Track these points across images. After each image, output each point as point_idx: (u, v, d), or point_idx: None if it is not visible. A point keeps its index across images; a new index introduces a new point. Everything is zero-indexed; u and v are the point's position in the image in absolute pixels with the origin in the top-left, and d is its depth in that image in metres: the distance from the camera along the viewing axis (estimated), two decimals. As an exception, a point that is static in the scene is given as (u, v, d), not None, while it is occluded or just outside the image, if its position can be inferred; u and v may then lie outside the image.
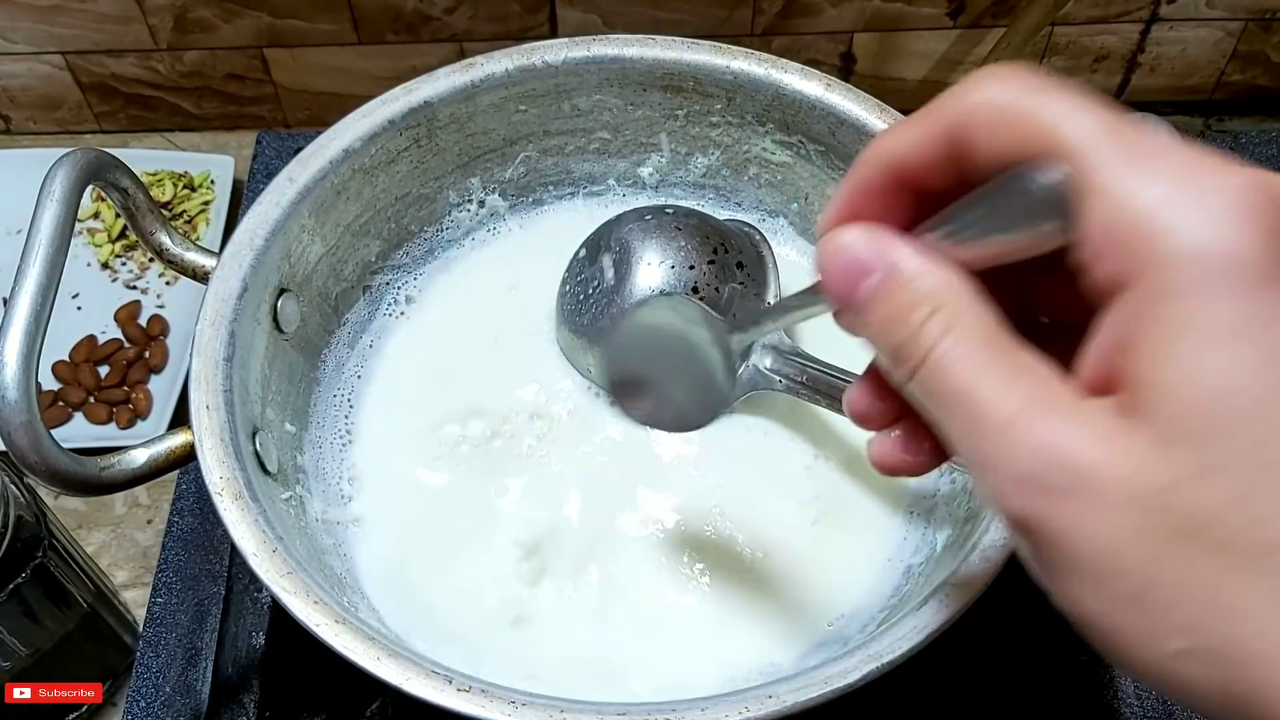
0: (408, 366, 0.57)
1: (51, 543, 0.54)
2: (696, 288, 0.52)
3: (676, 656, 0.48)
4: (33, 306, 0.41)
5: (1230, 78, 0.86)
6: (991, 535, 0.42)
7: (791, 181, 0.59)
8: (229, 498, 0.43)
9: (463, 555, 0.50)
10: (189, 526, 0.60)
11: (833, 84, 0.54)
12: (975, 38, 0.81)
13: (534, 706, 0.38)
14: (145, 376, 0.71)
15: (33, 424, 0.40)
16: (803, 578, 0.50)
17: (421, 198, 0.58)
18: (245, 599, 0.56)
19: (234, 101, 0.84)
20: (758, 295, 0.53)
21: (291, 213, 0.51)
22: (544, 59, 0.55)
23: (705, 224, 0.55)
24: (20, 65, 0.81)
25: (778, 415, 0.54)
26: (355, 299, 0.57)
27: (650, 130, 0.59)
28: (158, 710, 0.54)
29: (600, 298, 0.53)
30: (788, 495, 0.52)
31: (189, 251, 0.50)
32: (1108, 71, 0.85)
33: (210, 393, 0.45)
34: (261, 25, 0.79)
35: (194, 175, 0.79)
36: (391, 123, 0.54)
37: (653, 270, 0.52)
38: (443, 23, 0.79)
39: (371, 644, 0.39)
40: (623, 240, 0.53)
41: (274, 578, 0.41)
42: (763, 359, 0.52)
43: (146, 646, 0.56)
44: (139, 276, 0.76)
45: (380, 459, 0.54)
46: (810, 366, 0.51)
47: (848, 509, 0.52)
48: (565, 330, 0.55)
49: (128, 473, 0.44)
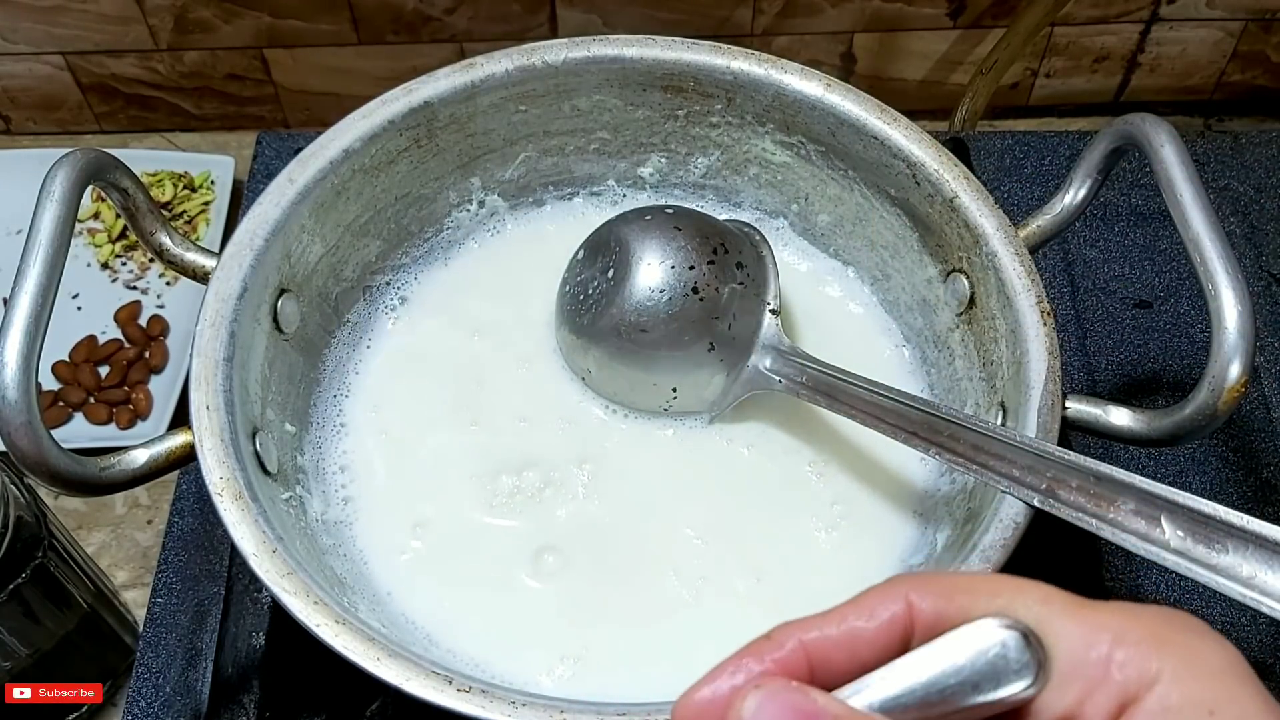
0: (407, 367, 0.57)
1: (51, 543, 0.54)
2: (696, 288, 0.52)
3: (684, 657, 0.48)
4: (33, 307, 0.41)
5: (1230, 78, 0.86)
6: (991, 536, 0.42)
7: (791, 182, 0.59)
8: (229, 498, 0.43)
9: (472, 549, 0.51)
10: (189, 527, 0.60)
11: (833, 84, 0.54)
12: (975, 38, 0.82)
13: (534, 707, 0.38)
14: (145, 377, 0.71)
15: (33, 424, 0.40)
16: (811, 580, 0.50)
17: (421, 198, 0.58)
18: (245, 599, 0.56)
19: (234, 102, 0.84)
20: (757, 295, 0.53)
21: (291, 213, 0.51)
22: (544, 59, 0.55)
23: (705, 224, 0.55)
24: (20, 65, 0.81)
25: (778, 419, 0.54)
26: (355, 299, 0.57)
27: (650, 130, 0.59)
28: (158, 710, 0.54)
29: (600, 298, 0.53)
30: (797, 499, 0.52)
31: (189, 252, 0.50)
32: (1108, 72, 0.85)
33: (210, 393, 0.45)
34: (261, 26, 0.79)
35: (194, 175, 0.79)
36: (391, 123, 0.54)
37: (653, 270, 0.52)
38: (443, 23, 0.79)
39: (371, 644, 0.39)
40: (622, 240, 0.53)
41: (274, 578, 0.41)
42: (762, 359, 0.52)
43: (146, 647, 0.56)
44: (139, 277, 0.76)
45: (376, 453, 0.54)
46: (810, 366, 0.51)
47: (857, 511, 0.52)
48: (565, 330, 0.55)
49: (128, 473, 0.44)
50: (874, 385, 0.48)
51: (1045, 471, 0.42)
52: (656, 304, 0.52)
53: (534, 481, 0.53)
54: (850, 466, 0.53)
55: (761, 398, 0.53)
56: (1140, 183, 0.73)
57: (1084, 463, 0.41)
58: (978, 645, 0.25)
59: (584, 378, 0.55)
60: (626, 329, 0.52)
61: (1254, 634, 0.57)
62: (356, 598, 0.48)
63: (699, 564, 0.51)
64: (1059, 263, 0.70)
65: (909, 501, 0.52)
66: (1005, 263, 0.49)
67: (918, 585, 0.27)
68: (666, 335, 0.52)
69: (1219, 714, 0.24)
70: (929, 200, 0.53)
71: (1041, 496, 0.41)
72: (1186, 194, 0.45)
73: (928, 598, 0.26)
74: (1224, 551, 0.36)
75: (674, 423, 0.54)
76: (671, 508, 0.52)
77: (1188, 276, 0.69)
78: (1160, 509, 0.38)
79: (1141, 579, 0.59)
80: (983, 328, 0.51)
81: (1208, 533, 0.37)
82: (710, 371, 0.53)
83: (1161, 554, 0.38)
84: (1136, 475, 0.39)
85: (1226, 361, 0.42)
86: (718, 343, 0.52)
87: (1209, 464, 0.63)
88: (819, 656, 0.26)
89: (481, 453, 0.54)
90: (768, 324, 0.53)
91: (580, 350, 0.54)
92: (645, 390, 0.53)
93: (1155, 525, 0.38)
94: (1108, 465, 0.40)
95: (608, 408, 0.55)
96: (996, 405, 0.49)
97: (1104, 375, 0.66)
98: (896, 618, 0.26)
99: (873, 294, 0.59)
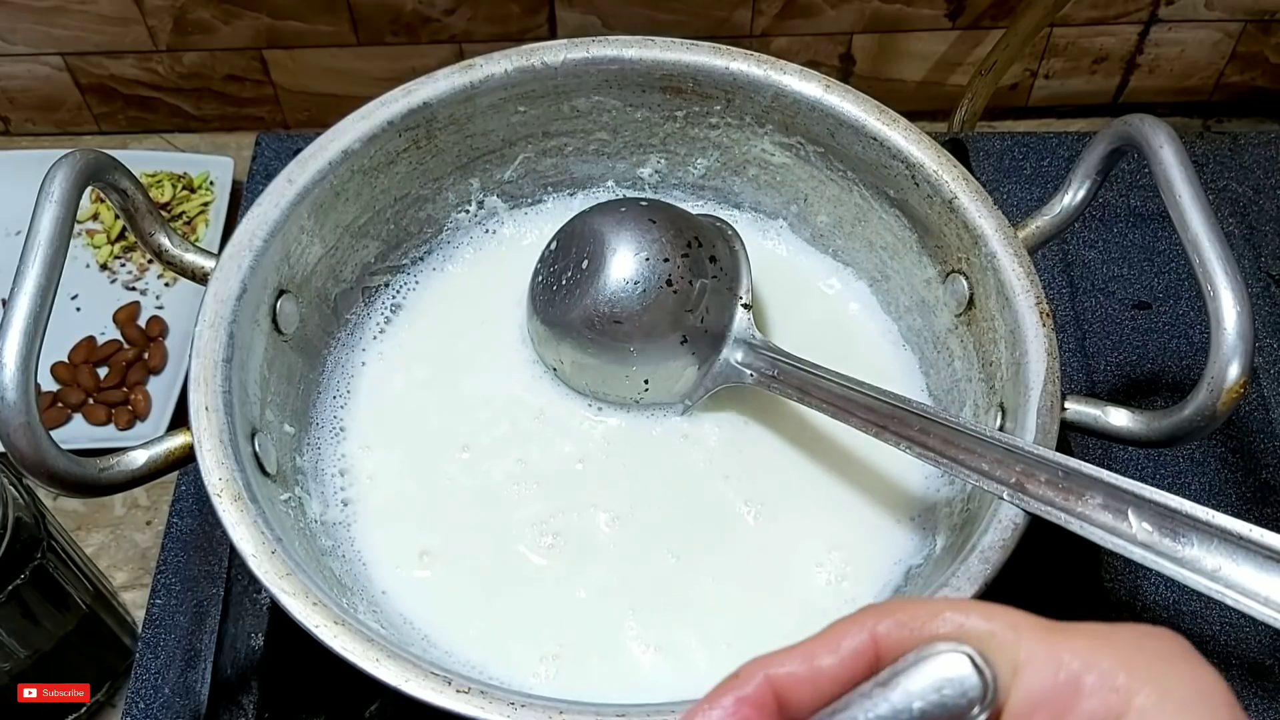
0: (406, 367, 0.57)
1: (50, 544, 0.54)
2: (670, 280, 0.52)
3: (678, 659, 0.48)
4: (32, 308, 0.41)
5: (1229, 79, 0.86)
6: (990, 537, 0.42)
7: (790, 183, 0.59)
8: (228, 499, 0.43)
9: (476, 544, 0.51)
10: (188, 528, 0.60)
11: (832, 85, 0.54)
12: (974, 39, 0.82)
13: (533, 707, 0.38)
14: (144, 378, 0.71)
15: (32, 425, 0.40)
16: (804, 580, 0.50)
17: (420, 199, 0.58)
18: (244, 600, 0.56)
19: (233, 103, 0.84)
20: (730, 290, 0.54)
21: (290, 214, 0.51)
22: (543, 60, 0.55)
23: (679, 217, 0.55)
24: (19, 66, 0.81)
25: (756, 413, 0.54)
26: (354, 300, 0.57)
27: (649, 131, 0.59)
28: (156, 712, 0.54)
29: (573, 288, 0.53)
30: (787, 498, 0.52)
31: (188, 253, 0.50)
32: (1106, 73, 0.85)
33: (209, 394, 0.45)
34: (261, 26, 0.79)
35: (193, 176, 0.79)
36: (391, 124, 0.54)
37: (626, 262, 0.52)
38: (442, 24, 0.79)
39: (370, 645, 0.39)
40: (597, 231, 0.53)
41: (273, 579, 0.41)
42: (734, 352, 0.52)
43: (145, 648, 0.56)
44: (138, 278, 0.76)
45: (374, 454, 0.54)
46: (781, 360, 0.51)
47: (853, 515, 0.52)
48: (537, 321, 0.55)
49: (127, 474, 0.44)
50: (846, 380, 0.48)
51: (1014, 465, 0.42)
52: (630, 296, 0.52)
53: (534, 478, 0.53)
54: (850, 467, 0.53)
55: (759, 396, 0.53)
56: (1139, 184, 0.73)
57: (1052, 457, 0.41)
58: (926, 670, 0.25)
59: (555, 369, 0.55)
60: (599, 320, 0.52)
61: (1252, 635, 0.57)
62: (355, 599, 0.48)
63: (699, 563, 0.51)
64: (1058, 264, 0.70)
65: (906, 506, 0.52)
66: (1004, 264, 0.49)
67: (883, 614, 0.27)
68: (639, 327, 0.52)
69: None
70: (928, 201, 0.53)
71: (1010, 490, 0.42)
72: (1185, 195, 0.45)
73: (892, 627, 0.27)
74: (1190, 545, 0.37)
75: (668, 421, 0.54)
76: (670, 507, 0.52)
77: (1186, 277, 0.69)
78: (1127, 503, 0.38)
79: (1141, 580, 0.59)
80: (982, 329, 0.51)
81: (1174, 526, 0.37)
82: (682, 364, 0.53)
83: (1128, 547, 0.38)
84: (1104, 470, 0.40)
85: (1225, 362, 0.42)
86: (690, 335, 0.52)
87: (1208, 465, 0.63)
88: (785, 691, 0.27)
89: (481, 453, 0.54)
90: (740, 318, 0.53)
91: (553, 341, 0.54)
92: (617, 382, 0.53)
93: (1122, 519, 0.38)
94: (1076, 460, 0.41)
95: (606, 408, 0.55)
96: (995, 406, 0.49)
97: (1103, 376, 0.66)
98: (860, 650, 0.27)
99: (872, 295, 0.59)
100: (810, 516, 0.52)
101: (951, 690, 0.25)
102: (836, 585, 0.50)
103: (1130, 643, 0.25)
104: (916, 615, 0.27)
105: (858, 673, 0.26)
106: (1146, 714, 0.24)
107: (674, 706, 0.38)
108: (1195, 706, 0.24)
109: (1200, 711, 0.24)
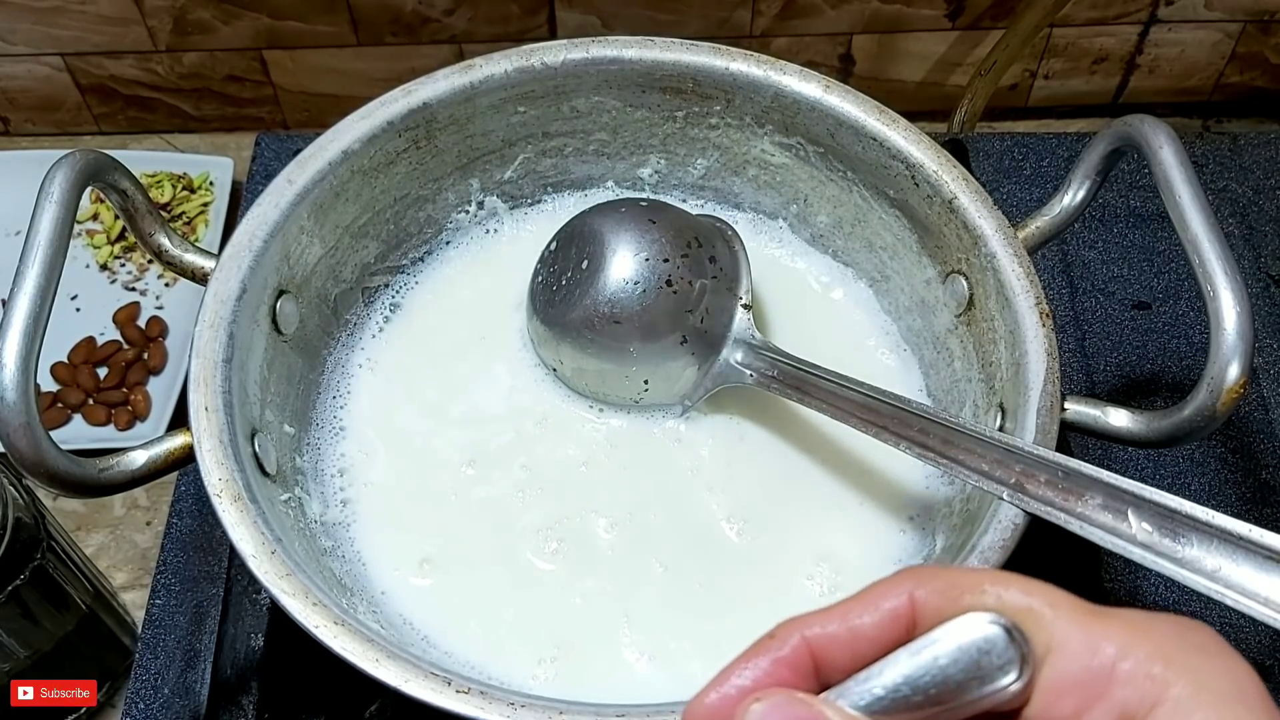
0: (406, 368, 0.57)
1: (50, 544, 0.54)
2: (670, 280, 0.52)
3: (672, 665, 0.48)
4: (31, 308, 0.41)
5: (1229, 79, 0.86)
6: (990, 538, 0.42)
7: (790, 183, 0.59)
8: (228, 499, 0.43)
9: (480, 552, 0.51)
10: (188, 528, 0.60)
11: (831, 85, 0.54)
12: (974, 39, 0.82)
13: (533, 707, 0.38)
14: (144, 378, 0.71)
15: (31, 425, 0.40)
16: (803, 580, 0.50)
17: (420, 199, 0.58)
18: (244, 601, 0.56)
19: (233, 103, 0.84)
20: (730, 290, 0.54)
21: (290, 214, 0.51)
22: (543, 61, 0.55)
23: (679, 217, 0.55)
24: (19, 67, 0.81)
25: (757, 414, 0.54)
26: (354, 300, 0.57)
27: (649, 132, 0.59)
28: (156, 712, 0.54)
29: (573, 289, 0.53)
30: (789, 498, 0.52)
31: (188, 253, 0.50)
32: (1106, 73, 0.85)
33: (209, 394, 0.45)
34: (260, 27, 0.79)
35: (193, 177, 0.79)
36: (390, 124, 0.54)
37: (626, 262, 0.52)
38: (442, 24, 0.79)
39: (370, 645, 0.39)
40: (596, 232, 0.53)
41: (273, 579, 0.41)
42: (734, 353, 0.52)
43: (145, 648, 0.56)
44: (138, 278, 0.76)
45: (373, 455, 0.54)
46: (781, 361, 0.51)
47: (852, 517, 0.52)
48: (536, 322, 0.55)
49: (126, 474, 0.44)
50: (846, 380, 0.48)
51: (1014, 466, 0.42)
52: (630, 296, 0.52)
53: (534, 482, 0.53)
54: (849, 468, 0.53)
55: (758, 397, 0.53)
56: (1139, 184, 0.73)
57: (1052, 457, 0.41)
58: (961, 639, 0.25)
59: (555, 369, 0.55)
60: (599, 320, 0.52)
61: (1253, 635, 0.57)
62: (355, 599, 0.48)
63: (698, 565, 0.51)
64: (1058, 264, 0.70)
65: (905, 506, 0.52)
66: (1004, 264, 0.49)
67: (922, 579, 0.27)
68: (639, 327, 0.52)
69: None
70: (928, 201, 0.53)
71: (1010, 490, 0.42)
72: (1185, 195, 0.45)
73: (931, 594, 0.26)
74: (1189, 545, 0.37)
75: (668, 422, 0.54)
76: (668, 508, 0.52)
77: (1186, 278, 0.69)
78: (1127, 503, 0.38)
79: (1141, 580, 0.59)
80: (981, 329, 0.51)
81: (1174, 526, 0.37)
82: (682, 364, 0.53)
83: (1128, 547, 0.38)
84: (1104, 470, 0.39)
85: (1225, 363, 0.42)
86: (689, 336, 0.52)
87: (1208, 465, 0.63)
88: (822, 652, 0.26)
89: (481, 453, 0.54)
90: (740, 318, 0.53)
91: (552, 342, 0.54)
92: (617, 382, 0.53)
93: (1122, 519, 0.38)
94: (1075, 460, 0.40)
95: (607, 409, 0.55)
96: (995, 406, 0.49)
97: (1103, 376, 0.66)
98: (899, 613, 0.26)
99: (871, 295, 0.59)
100: (799, 527, 0.52)
101: (987, 664, 0.25)
102: (830, 596, 0.50)
103: (1168, 633, 0.25)
104: (957, 584, 0.26)
105: (895, 636, 0.26)
106: (1182, 705, 0.24)
107: (674, 707, 0.38)
108: (1231, 701, 0.24)
109: (1235, 707, 0.24)
